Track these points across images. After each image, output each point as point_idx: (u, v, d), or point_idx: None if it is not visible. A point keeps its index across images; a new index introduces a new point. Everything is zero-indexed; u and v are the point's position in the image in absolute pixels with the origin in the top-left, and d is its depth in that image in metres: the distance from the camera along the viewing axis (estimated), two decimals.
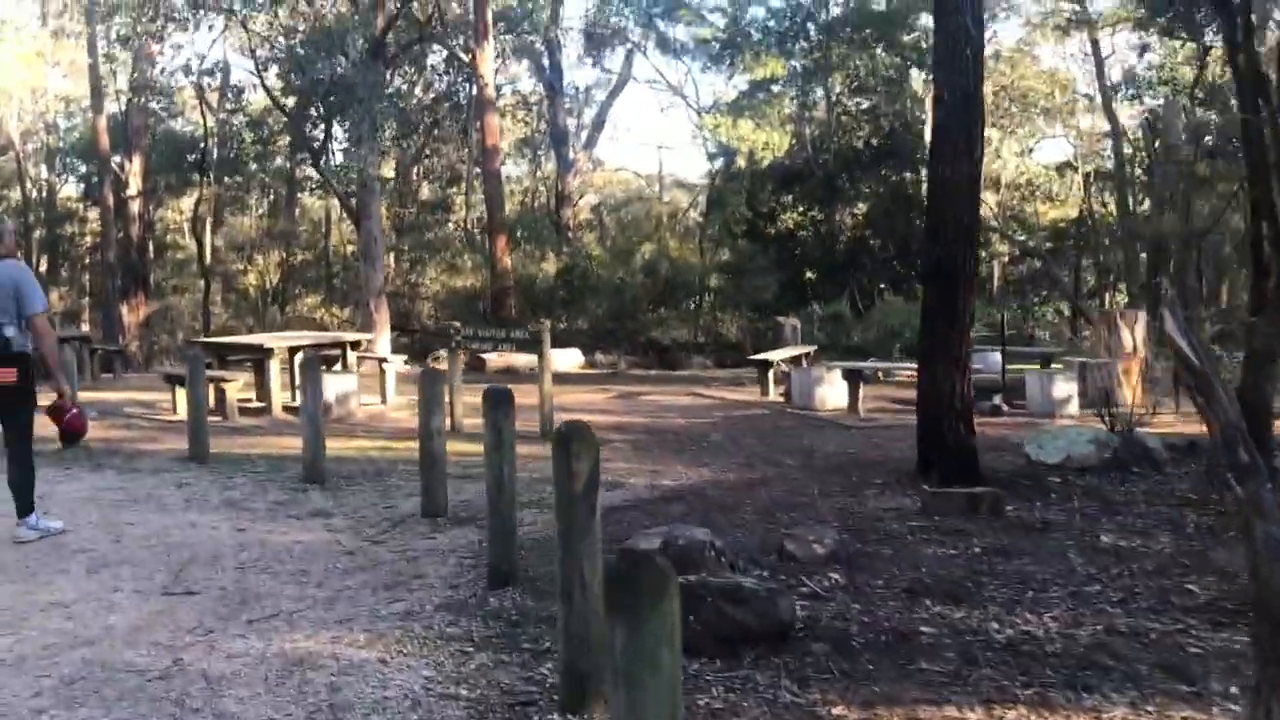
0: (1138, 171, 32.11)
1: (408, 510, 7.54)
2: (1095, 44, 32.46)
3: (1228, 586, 5.21)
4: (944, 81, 7.41)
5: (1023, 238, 33.73)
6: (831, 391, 13.08)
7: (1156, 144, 27.97)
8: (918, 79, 31.63)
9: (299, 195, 36.59)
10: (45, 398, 6.76)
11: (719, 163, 30.90)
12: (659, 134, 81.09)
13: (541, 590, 5.45)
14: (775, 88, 28.52)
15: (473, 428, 11.49)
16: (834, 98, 30.94)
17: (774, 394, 14.65)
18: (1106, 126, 32.79)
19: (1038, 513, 6.88)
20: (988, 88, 34.94)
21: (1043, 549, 5.96)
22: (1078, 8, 30.17)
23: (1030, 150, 36.53)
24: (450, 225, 34.60)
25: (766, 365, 14.70)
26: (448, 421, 11.60)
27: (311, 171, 35.25)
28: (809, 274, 29.71)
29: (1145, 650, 4.38)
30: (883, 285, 30.22)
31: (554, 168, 36.01)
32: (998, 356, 19.30)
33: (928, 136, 31.35)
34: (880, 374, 15.11)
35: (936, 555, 5.91)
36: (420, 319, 28.75)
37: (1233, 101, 28.25)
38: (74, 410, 6.46)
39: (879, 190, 31.09)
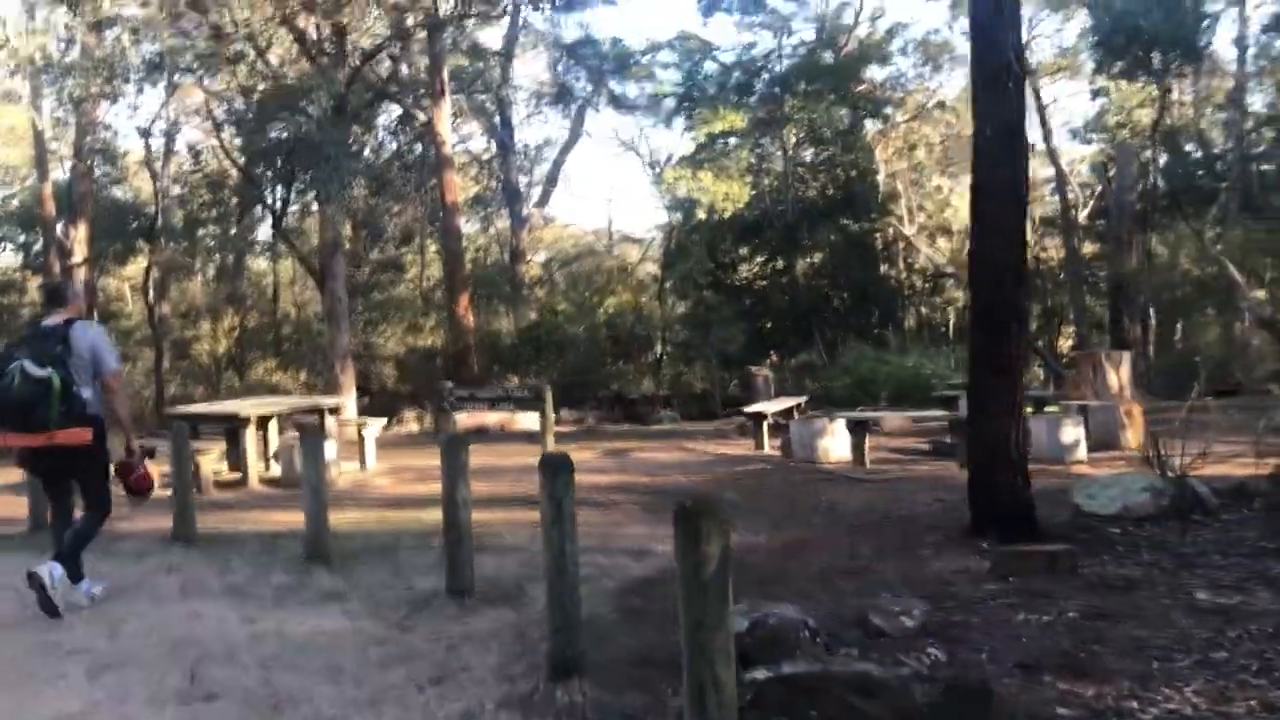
0: (1081, 215, 32.37)
1: (428, 589, 6.94)
2: (1037, 93, 32.67)
3: None
4: (985, 115, 7.08)
5: None
6: (834, 443, 12.66)
7: (1112, 185, 28.20)
8: (871, 129, 31.85)
9: (245, 259, 35.90)
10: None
11: (678, 215, 30.67)
12: (610, 189, 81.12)
13: (611, 680, 4.91)
14: (733, 140, 28.38)
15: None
16: (790, 150, 30.95)
17: (768, 447, 14.19)
18: (1051, 171, 33.00)
19: (1111, 568, 6.44)
20: (935, 135, 35.41)
21: (1144, 611, 5.52)
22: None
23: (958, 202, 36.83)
24: (406, 285, 34.02)
25: (761, 418, 14.24)
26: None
27: (260, 234, 34.77)
28: (770, 324, 29.51)
29: None
30: (844, 334, 30.09)
31: (508, 225, 35.66)
32: None
33: (883, 186, 31.76)
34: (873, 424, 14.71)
35: (1032, 623, 5.43)
36: (380, 380, 28.04)
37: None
38: (143, 468, 6.38)
39: (837, 240, 31.07)
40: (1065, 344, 33.35)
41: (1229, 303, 24.21)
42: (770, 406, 14.91)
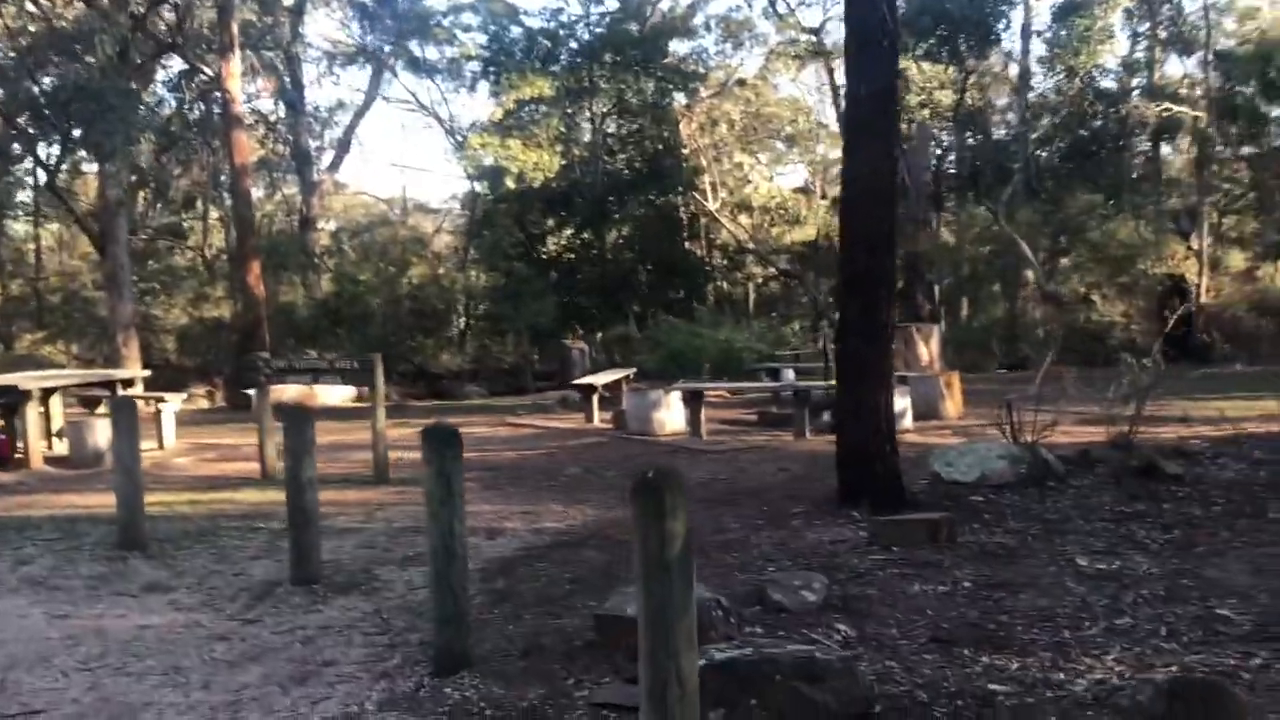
0: None
1: (265, 577, 6.27)
2: (830, 73, 33.38)
3: (1258, 609, 4.83)
4: (859, 75, 6.87)
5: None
6: (669, 415, 12.41)
7: (908, 165, 29.11)
8: (678, 104, 31.84)
9: (4, 222, 32.91)
10: None
11: (483, 184, 29.87)
12: (406, 157, 78.77)
13: (503, 673, 4.44)
14: (543, 108, 27.79)
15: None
16: (598, 121, 30.64)
17: (598, 420, 13.85)
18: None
19: (986, 536, 6.38)
20: (735, 112, 35.71)
21: (1038, 580, 5.43)
22: (814, 39, 31.08)
23: (771, 177, 37.56)
24: (187, 253, 31.98)
25: (591, 390, 13.85)
26: (257, 466, 10.23)
27: (22, 195, 31.89)
28: (580, 298, 29.20)
29: (1255, 694, 3.87)
30: (654, 309, 30.12)
31: (296, 191, 34.04)
32: (791, 373, 19.34)
33: (702, 157, 31.85)
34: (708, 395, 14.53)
35: (930, 594, 5.27)
36: (163, 353, 26.19)
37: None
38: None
39: (645, 214, 31.01)
40: None
41: (1017, 279, 25.40)
42: (600, 379, 14.54)
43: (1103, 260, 21.13)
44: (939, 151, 30.30)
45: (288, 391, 19.24)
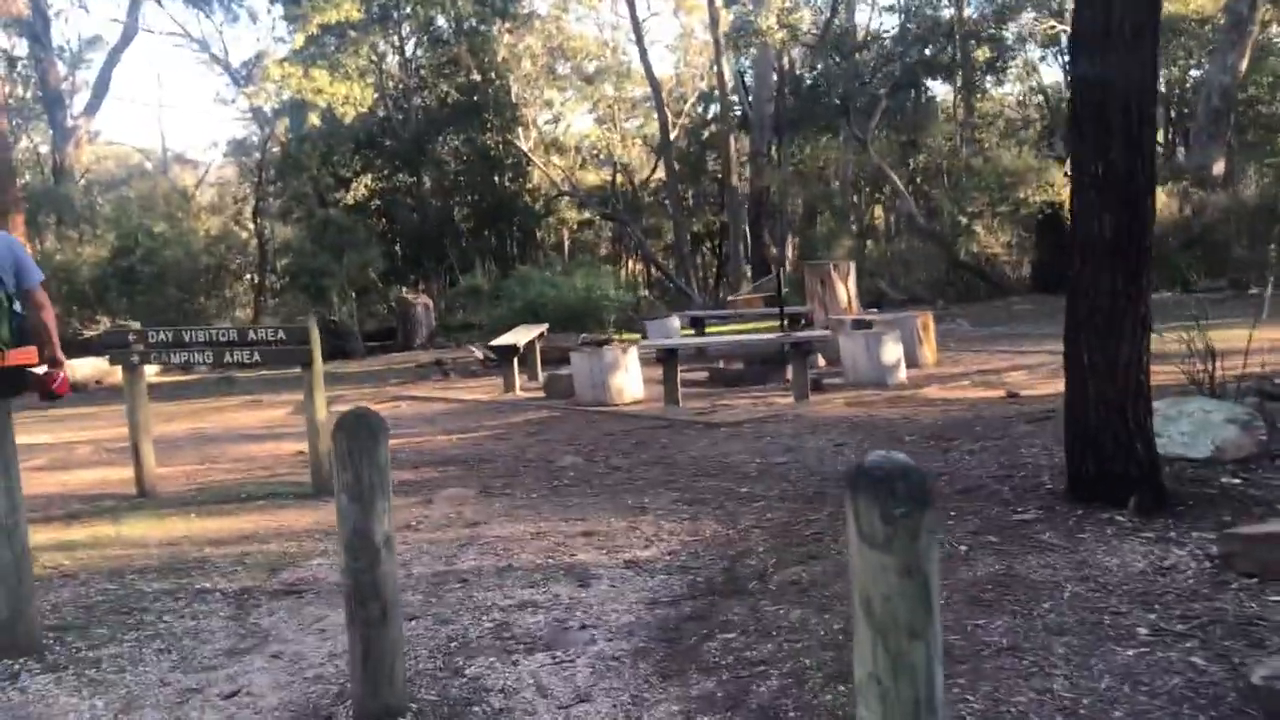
0: (713, 128, 31.51)
1: (285, 699, 3.74)
2: (631, 4, 30.95)
3: None
4: None
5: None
6: (629, 380, 10.12)
7: (750, 96, 27.42)
8: (499, 31, 28.99)
9: None
10: None
11: (279, 124, 26.31)
12: (173, 100, 71.62)
13: None
14: (352, 33, 24.48)
15: (172, 485, 7.42)
16: (409, 50, 27.56)
17: (520, 389, 11.43)
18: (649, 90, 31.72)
19: None
20: (538, 46, 32.88)
21: None
22: None
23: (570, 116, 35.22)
24: None
25: (512, 352, 11.32)
26: (126, 477, 7.39)
27: None
28: (402, 247, 26.28)
29: None
30: (483, 256, 27.54)
31: (48, 138, 29.51)
32: (676, 323, 17.28)
33: (515, 91, 29.06)
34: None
35: None
36: None
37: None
38: (63, 375, 4.83)
39: (466, 153, 28.26)
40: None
41: (885, 213, 24.15)
42: (518, 338, 12.00)
43: (983, 189, 20.00)
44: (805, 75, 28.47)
45: (79, 371, 16.04)
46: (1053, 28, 21.99)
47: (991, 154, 21.50)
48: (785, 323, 11.93)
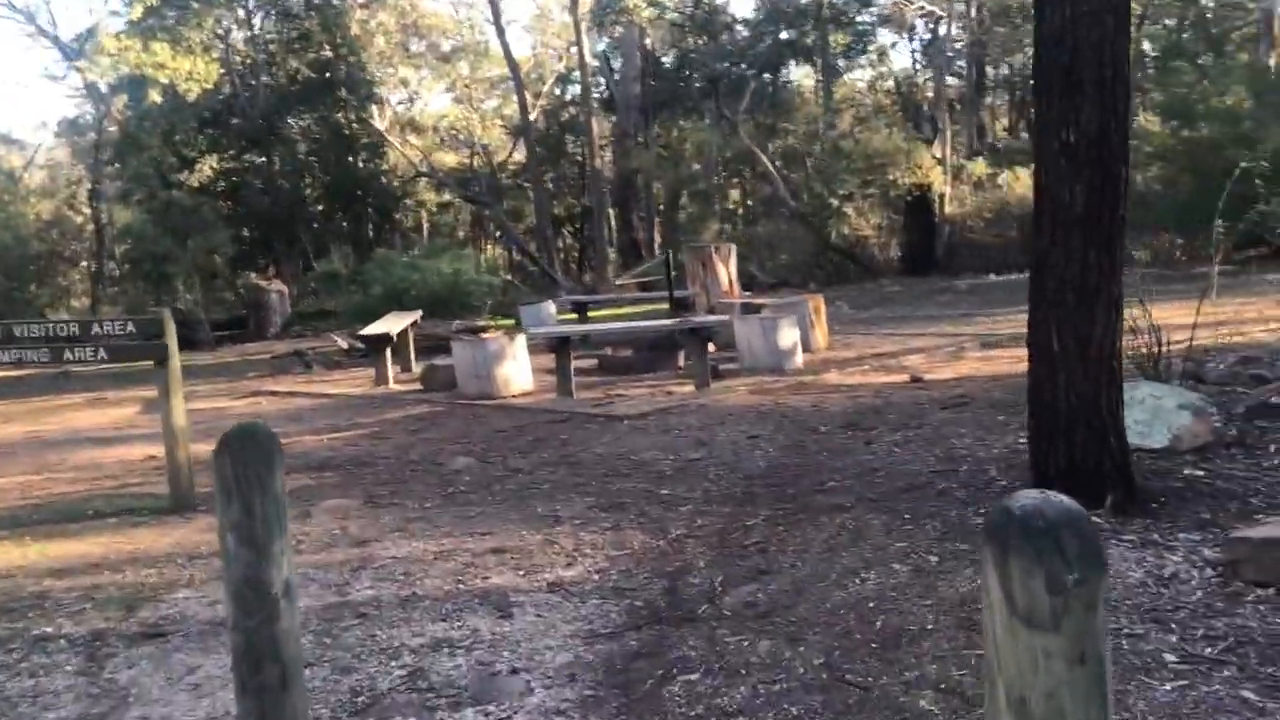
0: (572, 109, 30.80)
1: None
2: None
3: None
4: None
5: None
6: (517, 370, 9.43)
7: (616, 76, 26.82)
8: (352, 5, 27.70)
9: None
10: None
11: (116, 101, 24.58)
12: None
13: None
14: (195, 4, 22.96)
15: (4, 501, 6.51)
16: (258, 24, 26.08)
17: (393, 381, 10.63)
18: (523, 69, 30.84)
19: None
20: (392, 23, 31.60)
21: None
22: None
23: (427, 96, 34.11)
24: None
25: (385, 342, 10.50)
26: None
27: None
28: (252, 231, 24.86)
29: None
30: (338, 240, 26.35)
31: None
32: (552, 308, 16.66)
33: (371, 67, 27.80)
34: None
35: None
36: None
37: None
38: None
39: (318, 132, 26.96)
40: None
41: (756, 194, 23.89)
42: (391, 326, 11.16)
43: (853, 171, 19.85)
44: (669, 58, 27.90)
45: None
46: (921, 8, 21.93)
47: (861, 136, 21.40)
48: (673, 307, 11.42)
